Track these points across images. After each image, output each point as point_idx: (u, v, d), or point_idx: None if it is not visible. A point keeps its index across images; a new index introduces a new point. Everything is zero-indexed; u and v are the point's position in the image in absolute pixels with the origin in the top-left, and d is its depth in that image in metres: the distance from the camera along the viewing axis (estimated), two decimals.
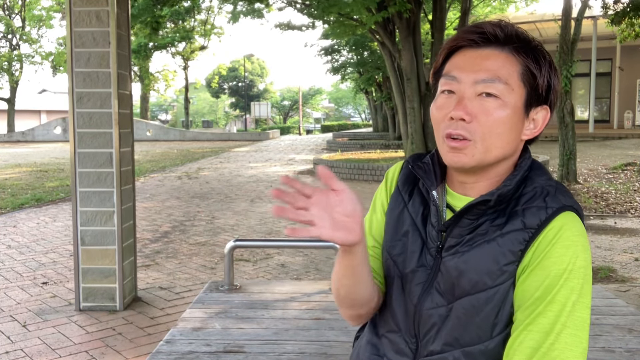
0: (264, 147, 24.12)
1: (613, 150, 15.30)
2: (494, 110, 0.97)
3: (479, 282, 0.98)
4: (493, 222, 1.00)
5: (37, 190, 10.51)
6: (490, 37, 1.00)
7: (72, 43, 3.82)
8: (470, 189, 1.05)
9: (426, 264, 1.05)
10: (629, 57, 21.17)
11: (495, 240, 0.98)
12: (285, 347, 2.45)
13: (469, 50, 1.01)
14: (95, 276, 3.96)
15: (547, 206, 0.97)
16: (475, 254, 0.99)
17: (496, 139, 0.98)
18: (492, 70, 0.97)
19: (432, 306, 1.03)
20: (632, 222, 7.17)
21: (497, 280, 0.97)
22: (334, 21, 14.71)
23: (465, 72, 0.99)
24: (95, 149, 3.89)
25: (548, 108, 1.03)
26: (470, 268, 0.99)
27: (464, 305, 0.99)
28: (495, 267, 0.97)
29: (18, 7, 35.11)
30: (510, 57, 0.99)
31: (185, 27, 34.10)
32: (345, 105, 67.99)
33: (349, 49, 25.30)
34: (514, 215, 0.98)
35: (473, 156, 0.98)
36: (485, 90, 0.97)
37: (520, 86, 0.98)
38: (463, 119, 0.97)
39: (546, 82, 1.00)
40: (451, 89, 1.00)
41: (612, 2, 10.95)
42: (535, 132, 1.03)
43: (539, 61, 1.00)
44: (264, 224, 7.36)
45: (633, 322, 2.68)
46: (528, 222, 0.97)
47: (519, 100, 0.98)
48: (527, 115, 1.01)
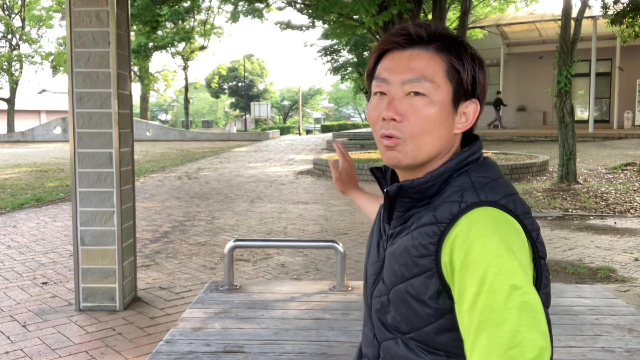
0: (264, 147, 24.12)
1: (613, 150, 15.30)
2: (422, 108, 1.01)
3: (398, 274, 1.02)
4: (419, 214, 1.03)
5: (37, 190, 10.51)
6: (414, 37, 1.04)
7: (72, 43, 3.82)
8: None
9: (380, 257, 1.12)
10: (628, 57, 21.17)
11: (411, 232, 1.01)
12: (285, 347, 2.45)
13: (396, 52, 1.06)
14: (95, 276, 3.96)
15: (462, 200, 0.97)
16: (398, 246, 1.03)
17: (426, 136, 1.02)
18: (418, 69, 1.02)
19: (377, 295, 1.09)
20: (632, 222, 7.17)
21: (412, 272, 0.99)
22: (334, 21, 14.71)
23: (393, 73, 1.04)
24: (95, 149, 3.89)
25: (477, 101, 1.06)
26: (394, 259, 1.04)
27: (395, 294, 1.03)
28: (409, 260, 1.00)
29: (18, 7, 35.11)
30: (434, 56, 1.03)
31: (185, 27, 34.10)
32: (345, 105, 67.99)
33: (349, 49, 25.31)
34: (430, 209, 1.01)
35: (406, 154, 1.03)
36: (413, 89, 1.02)
37: (446, 83, 1.03)
38: (394, 119, 1.02)
39: (470, 77, 1.04)
40: (382, 90, 1.06)
41: (612, 2, 10.95)
42: (467, 125, 1.06)
43: (462, 57, 1.04)
44: (264, 224, 7.36)
45: (633, 322, 2.68)
46: (439, 215, 0.97)
47: (446, 96, 1.03)
48: (456, 110, 1.05)
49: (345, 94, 59.20)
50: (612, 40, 20.11)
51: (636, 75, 21.27)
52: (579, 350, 2.40)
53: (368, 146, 20.11)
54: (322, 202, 9.19)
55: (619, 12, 10.76)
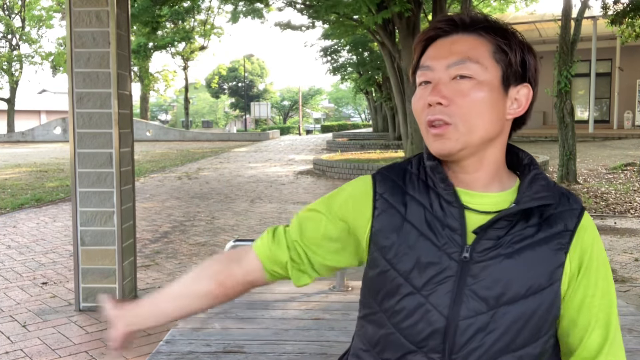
0: (264, 147, 24.12)
1: (613, 150, 15.30)
2: (469, 90, 0.96)
3: (534, 285, 0.98)
4: (527, 222, 1.00)
5: (37, 191, 10.51)
6: (457, 22, 1.01)
7: (72, 43, 3.82)
8: (474, 181, 1.03)
9: (449, 271, 0.99)
10: (628, 57, 21.17)
11: (542, 243, 0.99)
12: (285, 347, 2.45)
13: (439, 40, 1.02)
14: (95, 276, 3.96)
15: (572, 208, 1.03)
16: (526, 256, 0.98)
17: (477, 119, 0.97)
18: (462, 52, 0.98)
19: (470, 314, 0.97)
20: (632, 222, 7.17)
21: (547, 283, 0.99)
22: (334, 21, 14.72)
23: (437, 59, 1.00)
24: (95, 149, 3.89)
25: (529, 86, 1.02)
26: (521, 272, 0.97)
27: (518, 310, 0.97)
28: (546, 271, 0.99)
29: (18, 7, 35.11)
30: (479, 38, 0.99)
31: (185, 28, 34.10)
32: (345, 105, 68.01)
33: (348, 49, 25.31)
34: (553, 218, 1.01)
35: (457, 139, 0.97)
36: (458, 72, 0.97)
37: (493, 65, 0.98)
38: (440, 103, 0.97)
39: (519, 58, 1.00)
40: (426, 79, 1.01)
41: (612, 2, 10.95)
42: (519, 111, 1.02)
43: (508, 38, 1.00)
44: (264, 224, 7.36)
45: (633, 322, 2.68)
46: (568, 224, 1.01)
47: (495, 78, 0.98)
48: (507, 94, 1.00)
49: (345, 94, 59.20)
50: (612, 40, 20.11)
51: (636, 76, 21.28)
52: None
53: (368, 146, 20.12)
54: None
55: (619, 12, 10.76)
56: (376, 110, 32.13)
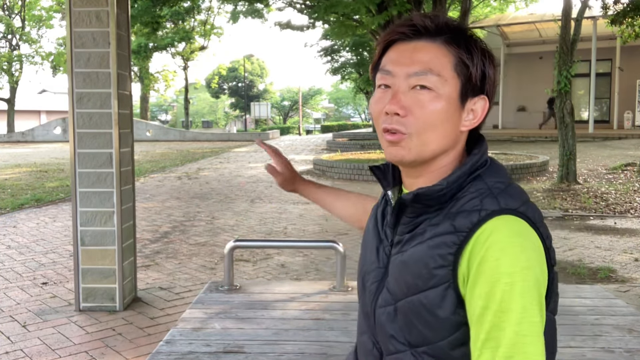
0: None
1: (613, 150, 15.30)
2: (427, 102, 0.96)
3: (412, 285, 0.96)
4: (432, 220, 0.98)
5: (37, 191, 10.51)
6: (420, 29, 0.99)
7: (72, 43, 3.82)
8: (413, 185, 1.04)
9: (381, 263, 1.06)
10: (628, 57, 21.17)
11: (427, 242, 0.96)
12: (285, 348, 2.45)
13: (401, 44, 1.00)
14: (95, 276, 3.96)
15: (481, 208, 0.92)
16: (411, 255, 0.98)
17: (432, 132, 0.97)
18: (424, 62, 0.97)
19: (382, 304, 1.03)
20: (632, 222, 7.17)
21: (428, 283, 0.94)
22: (334, 21, 14.72)
23: (398, 65, 0.99)
24: (95, 149, 3.89)
25: (486, 97, 1.01)
26: (406, 269, 0.98)
27: (406, 306, 0.98)
28: (425, 270, 0.95)
29: (18, 7, 35.11)
30: (442, 49, 0.98)
31: (185, 28, 34.10)
32: (345, 105, 67.98)
33: (348, 49, 25.31)
34: (447, 217, 0.95)
35: (410, 150, 0.98)
36: (418, 82, 0.96)
37: (454, 77, 0.97)
38: (397, 114, 0.97)
39: (480, 72, 0.99)
40: (386, 83, 1.00)
41: (612, 2, 10.95)
42: (475, 123, 1.01)
43: (471, 51, 0.98)
44: (264, 224, 7.36)
45: (633, 322, 2.68)
46: (458, 224, 0.93)
47: (454, 91, 0.97)
48: (463, 106, 0.99)
49: (345, 94, 59.19)
50: (612, 40, 20.11)
51: (636, 76, 21.27)
52: (579, 350, 2.41)
53: (368, 146, 20.11)
54: None
55: (619, 12, 10.76)
56: None
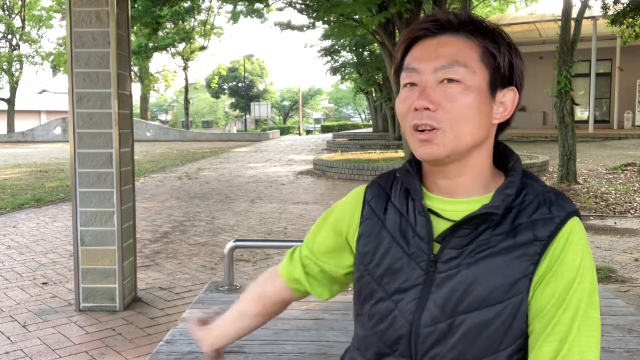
0: (264, 147, 24.12)
1: (613, 150, 15.30)
2: (457, 95, 0.94)
3: (489, 297, 0.95)
4: (494, 230, 0.97)
5: (37, 191, 10.51)
6: (444, 23, 0.98)
7: (72, 43, 3.82)
8: (455, 186, 1.02)
9: (416, 279, 1.00)
10: (628, 57, 21.18)
11: (504, 253, 0.95)
12: (285, 347, 2.45)
13: (425, 41, 0.99)
14: (95, 276, 3.96)
15: (553, 215, 0.96)
16: (484, 268, 0.95)
17: (465, 124, 0.95)
18: (450, 55, 0.96)
19: (431, 323, 0.98)
20: (632, 222, 7.17)
21: (507, 294, 0.95)
22: (334, 21, 14.71)
23: (424, 61, 0.97)
24: (95, 149, 3.89)
25: (515, 89, 1.01)
26: (479, 282, 0.95)
27: (473, 320, 0.95)
28: (506, 282, 0.94)
29: (18, 7, 35.11)
30: (466, 41, 0.97)
31: (185, 28, 34.10)
32: (345, 105, 68.00)
33: (349, 49, 25.31)
34: (522, 227, 0.96)
35: (445, 145, 0.95)
36: (446, 76, 0.95)
37: (481, 68, 0.96)
38: (428, 108, 0.95)
39: (507, 61, 0.98)
40: (412, 81, 0.98)
41: (612, 2, 10.95)
42: (506, 115, 1.01)
43: (497, 41, 0.98)
44: (264, 224, 7.36)
45: (633, 322, 2.67)
46: (539, 234, 0.95)
47: (483, 82, 0.96)
48: (493, 98, 0.99)
49: (346, 95, 59.18)
50: (612, 40, 20.11)
51: (636, 76, 21.28)
52: None
53: (368, 146, 20.11)
54: (322, 202, 9.19)
55: (619, 13, 10.76)
56: (376, 110, 32.13)
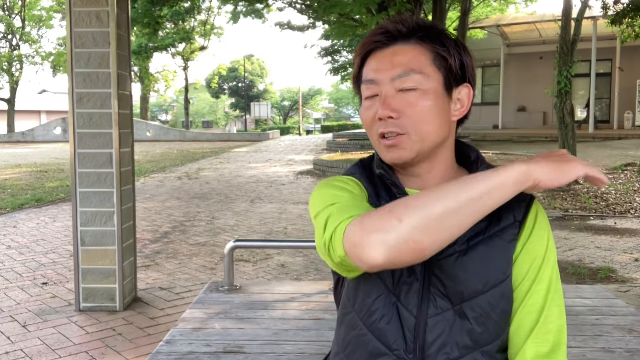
0: (264, 147, 24.12)
1: (613, 150, 15.30)
2: (417, 100, 0.99)
3: (491, 279, 0.99)
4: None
5: (37, 191, 10.51)
6: (394, 33, 1.03)
7: (72, 43, 3.82)
8: (425, 182, 1.06)
9: (415, 271, 1.01)
10: (628, 57, 21.17)
11: (496, 236, 1.01)
12: (285, 348, 2.45)
13: (379, 52, 1.04)
14: (95, 276, 3.96)
15: (521, 198, 1.01)
16: (481, 252, 1.00)
17: (427, 126, 1.00)
18: (404, 63, 1.00)
19: (437, 312, 1.00)
20: (632, 222, 7.17)
21: (506, 273, 1.01)
22: (334, 21, 14.72)
23: (380, 72, 1.02)
24: (95, 149, 3.89)
25: (469, 85, 1.05)
26: (479, 266, 0.99)
27: (480, 305, 0.99)
28: (502, 263, 1.01)
29: (18, 8, 35.11)
30: (418, 47, 1.02)
31: (185, 28, 34.10)
32: (345, 105, 67.99)
33: (349, 49, 25.32)
34: (503, 211, 1.00)
35: (411, 148, 1.01)
36: (403, 85, 1.00)
37: (435, 71, 1.01)
38: (391, 117, 1.00)
39: (458, 61, 1.03)
40: (373, 92, 1.03)
41: (612, 2, 10.95)
42: (463, 111, 1.06)
43: (445, 43, 1.03)
44: (264, 224, 7.36)
45: (633, 322, 2.67)
46: (517, 216, 1.03)
47: (438, 84, 1.01)
48: (450, 97, 1.03)
49: (346, 95, 59.23)
50: (612, 40, 20.10)
51: (636, 76, 21.27)
52: (579, 350, 2.40)
53: (368, 146, 20.10)
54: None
55: (619, 13, 10.75)
56: None
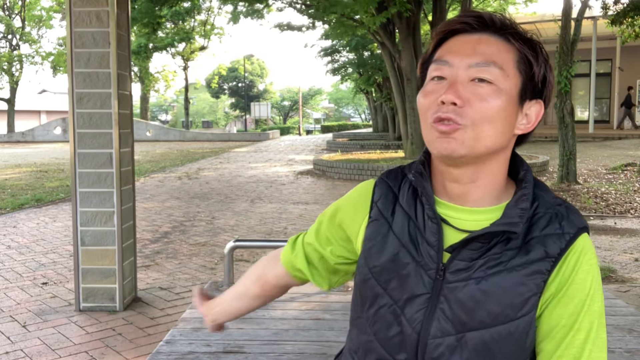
0: (264, 147, 24.12)
1: (613, 150, 15.30)
2: (488, 95, 0.90)
3: (500, 315, 0.92)
4: (507, 245, 0.93)
5: (37, 191, 10.51)
6: (486, 21, 0.95)
7: (72, 43, 3.82)
8: (466, 193, 0.98)
9: (424, 287, 0.97)
10: (628, 57, 21.17)
11: (517, 269, 0.92)
12: (285, 348, 2.45)
13: (463, 35, 0.95)
14: (95, 276, 3.95)
15: (564, 232, 0.93)
16: (495, 284, 0.92)
17: (488, 127, 0.91)
18: (488, 54, 0.92)
19: (439, 335, 0.95)
20: (632, 222, 7.17)
21: (519, 312, 0.92)
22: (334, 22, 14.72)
23: (458, 55, 0.93)
24: (95, 150, 3.89)
25: (542, 103, 0.97)
26: (490, 299, 0.92)
27: (483, 338, 0.92)
28: (518, 299, 0.92)
29: (18, 8, 35.11)
30: (506, 44, 0.94)
31: (185, 28, 34.10)
32: (345, 105, 68.02)
33: (349, 49, 25.33)
34: (533, 243, 0.93)
35: (463, 142, 0.90)
36: (479, 74, 0.91)
37: (515, 74, 0.93)
38: (454, 103, 0.90)
39: (542, 73, 0.95)
40: (442, 74, 0.94)
41: (612, 2, 10.95)
42: (529, 127, 0.98)
43: (536, 50, 0.95)
44: (264, 224, 7.36)
45: (633, 322, 2.67)
46: (550, 250, 0.92)
47: (514, 88, 0.93)
48: (521, 107, 0.95)
49: (346, 95, 59.19)
50: (612, 40, 20.10)
51: (636, 76, 21.27)
52: None
53: (368, 146, 20.12)
54: (322, 202, 9.19)
55: (619, 13, 10.75)
56: (376, 111, 32.15)
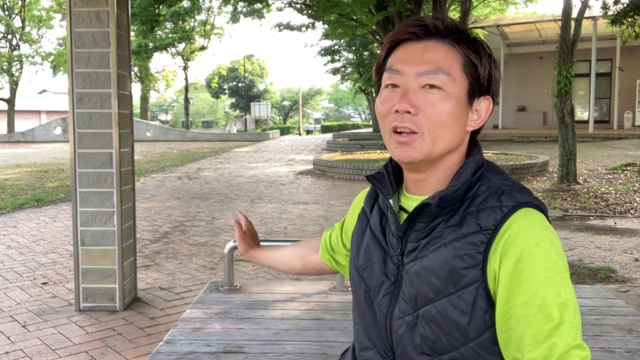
0: (264, 147, 24.12)
1: (613, 150, 15.30)
2: (438, 101, 0.97)
3: (441, 289, 0.95)
4: (447, 222, 0.98)
5: (37, 191, 10.50)
6: (431, 29, 1.00)
7: (72, 43, 3.82)
8: (424, 187, 1.04)
9: (390, 274, 1.04)
10: (628, 57, 21.17)
11: (452, 243, 0.95)
12: (285, 348, 2.45)
13: (410, 44, 1.01)
14: (95, 276, 3.96)
15: (502, 205, 0.95)
16: (433, 259, 0.97)
17: (442, 131, 0.98)
18: (435, 61, 0.98)
19: (400, 315, 1.01)
20: (632, 222, 7.17)
21: (458, 285, 0.94)
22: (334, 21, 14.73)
23: (408, 65, 0.99)
24: (95, 150, 3.89)
25: (490, 98, 1.03)
26: (430, 274, 0.96)
27: (431, 313, 0.96)
28: (455, 273, 0.94)
29: (18, 8, 35.11)
30: (451, 49, 0.99)
31: (185, 28, 34.11)
32: (345, 105, 68.00)
33: (348, 49, 25.33)
34: (468, 217, 0.96)
35: (421, 149, 0.98)
36: (429, 82, 0.97)
37: (462, 77, 0.99)
38: (409, 112, 0.97)
39: (487, 72, 1.01)
40: (395, 82, 1.00)
41: (612, 2, 10.95)
42: (479, 123, 1.03)
43: (479, 52, 1.01)
44: (264, 224, 7.36)
45: (633, 322, 2.67)
46: (483, 223, 0.94)
47: (462, 90, 0.99)
48: (470, 106, 1.01)
49: (345, 95, 59.19)
50: (612, 40, 20.11)
51: (636, 76, 21.27)
52: None
53: (368, 146, 20.11)
54: (322, 202, 9.19)
55: (619, 13, 10.75)
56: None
